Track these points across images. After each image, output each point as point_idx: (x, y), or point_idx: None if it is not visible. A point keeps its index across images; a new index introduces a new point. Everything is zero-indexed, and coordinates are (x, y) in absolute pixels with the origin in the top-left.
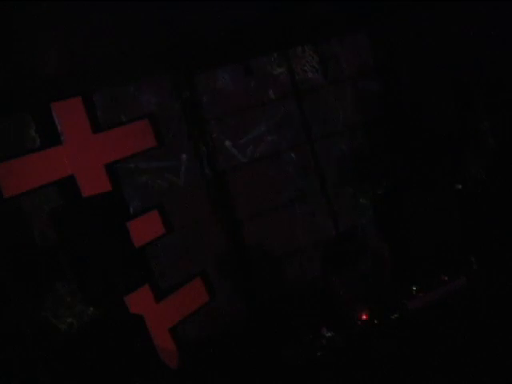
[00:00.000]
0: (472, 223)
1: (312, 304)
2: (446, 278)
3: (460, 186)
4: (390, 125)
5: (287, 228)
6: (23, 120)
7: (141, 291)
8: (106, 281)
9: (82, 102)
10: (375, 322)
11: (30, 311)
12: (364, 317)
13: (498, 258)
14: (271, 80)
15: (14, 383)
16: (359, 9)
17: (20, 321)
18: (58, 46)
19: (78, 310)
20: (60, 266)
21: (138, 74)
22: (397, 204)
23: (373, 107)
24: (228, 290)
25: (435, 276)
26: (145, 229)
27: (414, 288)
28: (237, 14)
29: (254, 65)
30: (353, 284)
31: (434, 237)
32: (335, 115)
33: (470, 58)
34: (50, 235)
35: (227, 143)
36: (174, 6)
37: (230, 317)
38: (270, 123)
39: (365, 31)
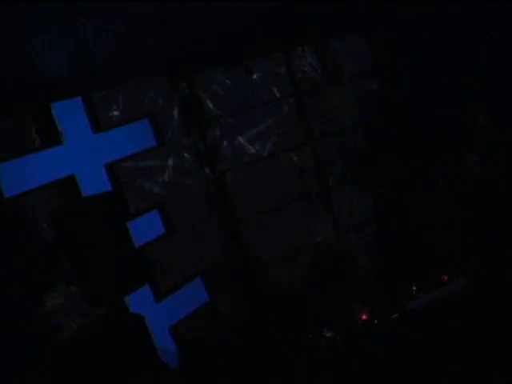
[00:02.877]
0: (472, 223)
1: (312, 304)
2: (446, 278)
3: (460, 186)
4: (390, 124)
5: (287, 228)
6: (23, 120)
7: (141, 291)
8: (106, 281)
9: (82, 102)
10: (375, 321)
11: (30, 311)
12: (364, 317)
13: (498, 257)
14: (271, 80)
15: (14, 383)
16: (359, 9)
17: (20, 321)
18: (59, 45)
19: (78, 310)
20: (60, 266)
21: (138, 74)
22: (397, 204)
23: (373, 107)
24: (228, 289)
25: (435, 276)
26: (145, 229)
27: (414, 288)
28: (237, 14)
29: (253, 65)
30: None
31: (433, 237)
32: (335, 115)
33: (470, 57)
34: (49, 235)
35: (227, 143)
36: (174, 6)
37: (230, 317)
38: (269, 123)
39: (365, 31)
